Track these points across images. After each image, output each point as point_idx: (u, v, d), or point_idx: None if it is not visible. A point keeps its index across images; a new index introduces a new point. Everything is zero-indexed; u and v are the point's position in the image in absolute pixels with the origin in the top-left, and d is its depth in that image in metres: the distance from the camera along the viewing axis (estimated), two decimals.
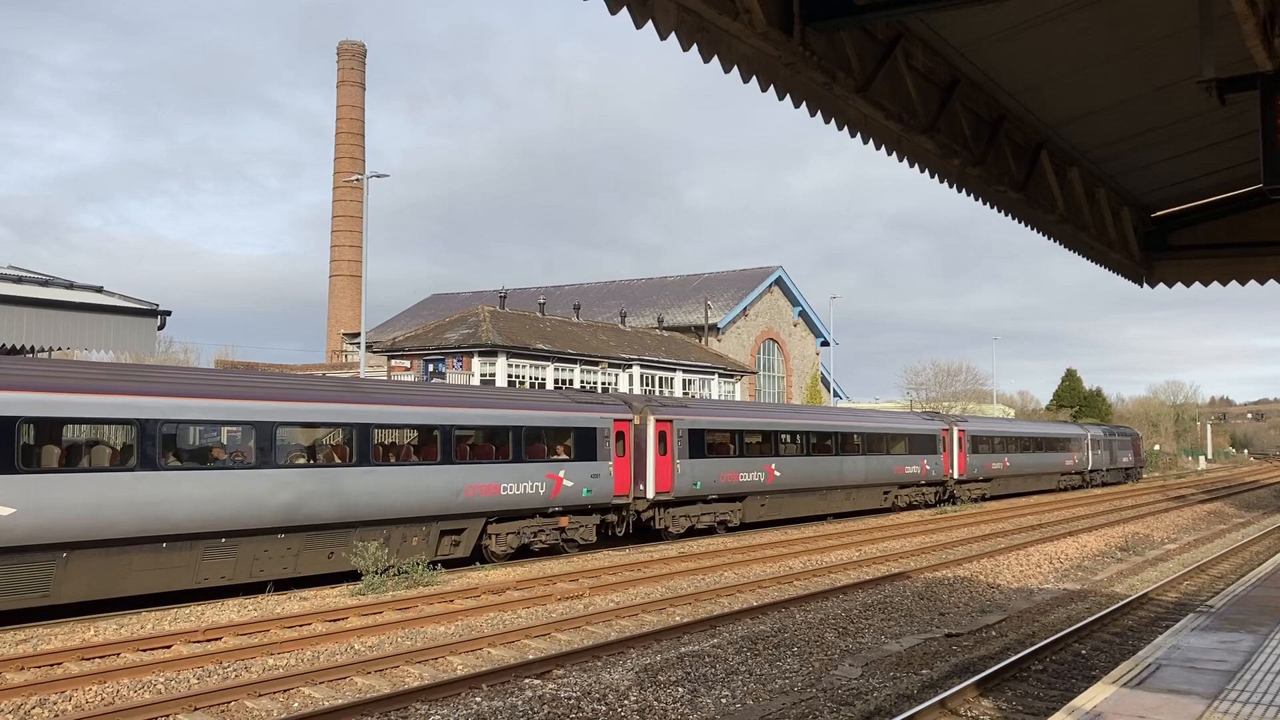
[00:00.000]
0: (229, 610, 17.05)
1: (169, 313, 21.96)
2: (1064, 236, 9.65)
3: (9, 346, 19.69)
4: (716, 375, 55.10)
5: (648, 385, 49.82)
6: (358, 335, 52.89)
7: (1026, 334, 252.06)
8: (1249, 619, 12.09)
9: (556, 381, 44.86)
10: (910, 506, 40.11)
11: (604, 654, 13.80)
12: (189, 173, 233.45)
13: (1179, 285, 11.31)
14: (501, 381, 41.89)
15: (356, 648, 14.46)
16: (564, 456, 24.38)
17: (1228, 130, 8.46)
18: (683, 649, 14.15)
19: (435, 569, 20.17)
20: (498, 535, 22.92)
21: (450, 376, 42.14)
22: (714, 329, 60.06)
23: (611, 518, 26.18)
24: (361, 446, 19.95)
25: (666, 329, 58.79)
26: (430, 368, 43.72)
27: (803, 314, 70.26)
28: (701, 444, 28.64)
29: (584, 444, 24.87)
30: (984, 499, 45.43)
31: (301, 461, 19.62)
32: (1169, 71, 7.37)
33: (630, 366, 49.09)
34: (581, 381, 46.25)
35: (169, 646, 14.24)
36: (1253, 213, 10.44)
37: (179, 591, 17.48)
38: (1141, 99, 7.98)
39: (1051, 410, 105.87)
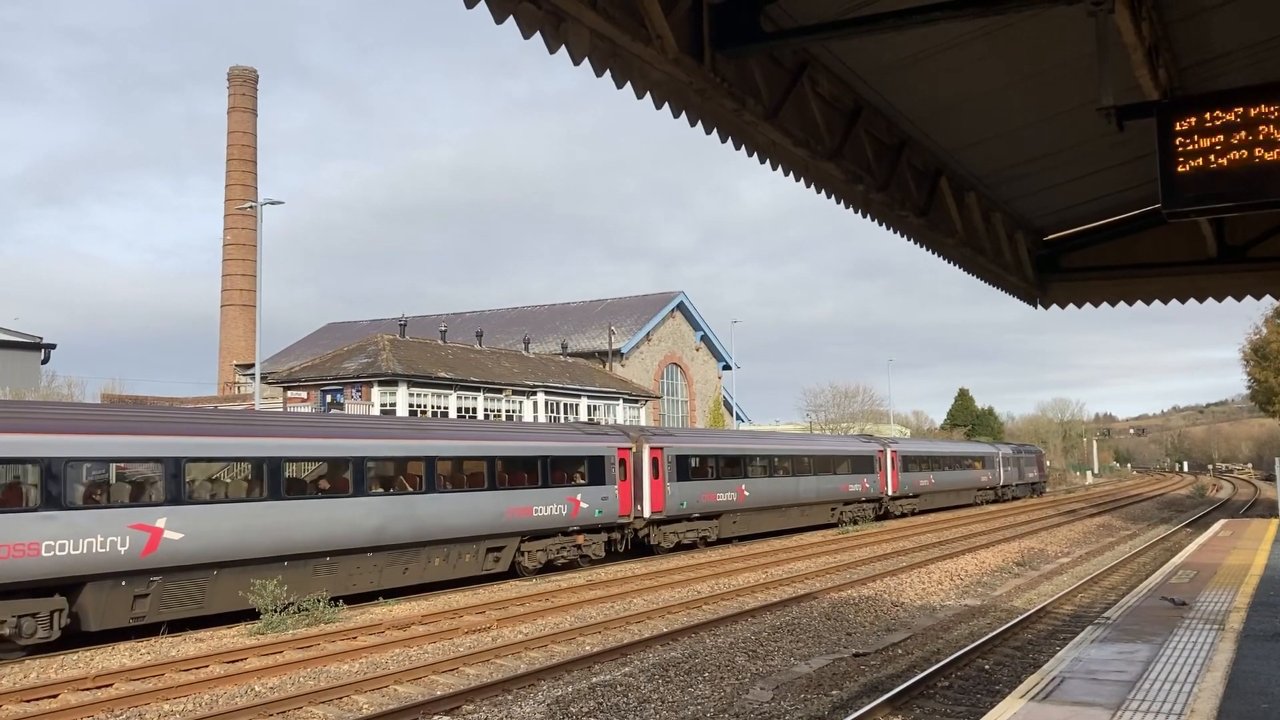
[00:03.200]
0: (120, 654, 16.34)
1: (53, 346, 21.20)
2: (963, 260, 9.87)
3: None
4: (621, 400, 55.09)
5: (553, 412, 49.52)
6: (251, 366, 51.43)
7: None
8: (1144, 629, 12.46)
9: (459, 410, 44.28)
10: (854, 521, 42.33)
11: (514, 687, 13.59)
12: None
13: (1071, 306, 11.66)
14: (403, 411, 41.16)
15: (257, 689, 13.98)
16: (581, 482, 27.01)
17: (1116, 156, 8.75)
18: (594, 679, 14.01)
19: (337, 605, 19.63)
20: (529, 552, 25.54)
21: (349, 407, 41.27)
22: (618, 354, 60.13)
23: (616, 535, 28.86)
24: (429, 475, 22.61)
25: (570, 355, 58.58)
26: (328, 398, 42.75)
27: (704, 338, 70.78)
28: (686, 468, 31.41)
29: (595, 470, 27.58)
30: (914, 513, 48.73)
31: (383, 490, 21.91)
32: (1061, 99, 7.60)
33: (535, 393, 48.75)
34: (485, 410, 45.74)
35: (55, 696, 13.57)
36: (1138, 235, 10.81)
37: (67, 636, 16.69)
38: (1035, 126, 8.21)
39: (946, 429, 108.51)
